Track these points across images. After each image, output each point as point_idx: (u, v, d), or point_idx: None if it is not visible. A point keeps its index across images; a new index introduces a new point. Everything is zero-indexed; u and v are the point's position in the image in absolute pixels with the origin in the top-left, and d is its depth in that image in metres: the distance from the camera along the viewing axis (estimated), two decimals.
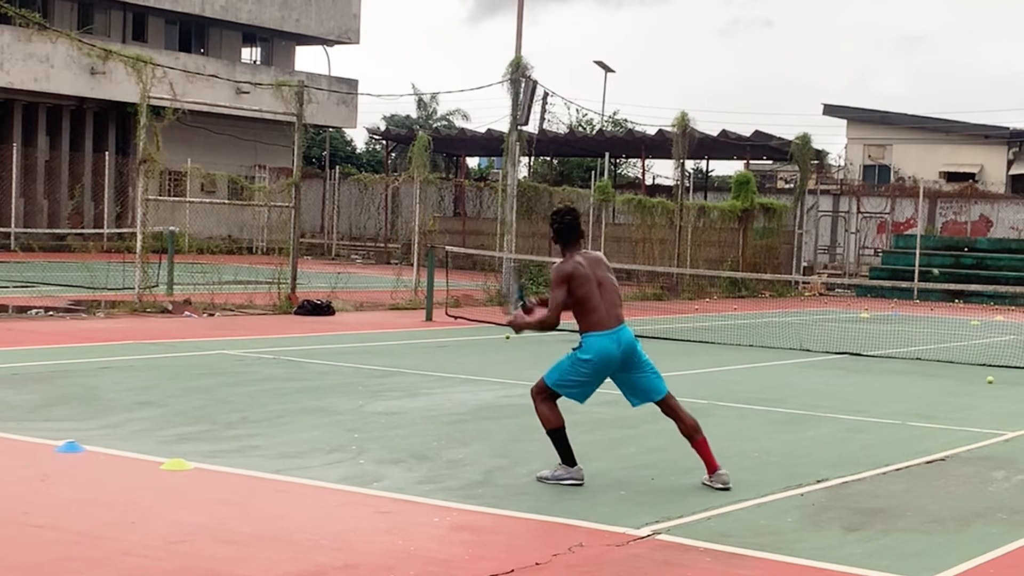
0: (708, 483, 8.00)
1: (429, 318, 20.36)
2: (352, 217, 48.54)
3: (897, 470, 8.93)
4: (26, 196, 40.49)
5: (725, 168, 58.78)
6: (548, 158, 50.73)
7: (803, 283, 35.36)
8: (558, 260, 8.15)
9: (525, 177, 41.55)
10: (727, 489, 7.90)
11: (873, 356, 17.22)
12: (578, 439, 9.65)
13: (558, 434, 8.04)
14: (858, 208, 45.22)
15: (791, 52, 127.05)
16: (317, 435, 9.44)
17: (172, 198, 35.69)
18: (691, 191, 44.05)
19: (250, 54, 53.67)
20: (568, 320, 8.05)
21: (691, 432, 8.13)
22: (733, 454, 9.26)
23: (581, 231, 8.20)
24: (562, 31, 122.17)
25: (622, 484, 8.07)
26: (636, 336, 8.26)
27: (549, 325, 8.03)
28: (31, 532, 6.38)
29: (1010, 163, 53.09)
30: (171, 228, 23.85)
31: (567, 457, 8.02)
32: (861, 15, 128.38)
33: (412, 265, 25.60)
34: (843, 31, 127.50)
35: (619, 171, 54.88)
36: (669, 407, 8.19)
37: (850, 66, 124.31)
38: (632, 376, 8.09)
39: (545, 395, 8.11)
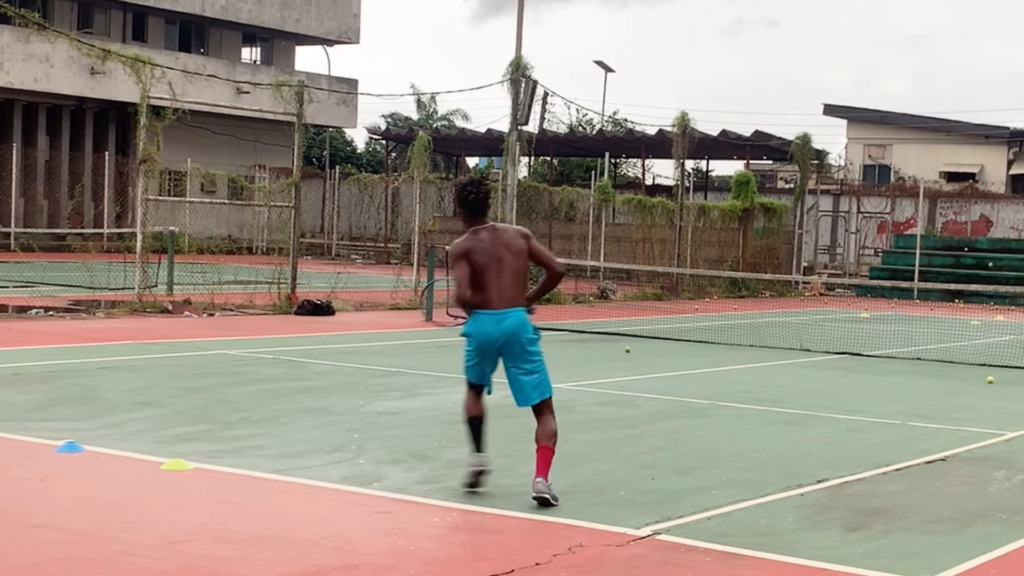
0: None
1: (429, 318, 20.36)
2: (352, 217, 48.53)
3: (897, 470, 8.93)
4: (26, 196, 40.50)
5: (725, 168, 58.82)
6: (548, 158, 50.74)
7: (803, 283, 35.36)
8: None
9: (525, 177, 41.54)
10: (540, 501, 7.30)
11: (873, 356, 17.21)
12: (578, 439, 9.68)
13: (469, 424, 7.77)
14: (858, 208, 45.23)
15: (795, 52, 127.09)
16: (317, 435, 9.44)
17: (172, 198, 35.69)
18: (691, 191, 44.06)
19: (250, 54, 53.68)
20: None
21: (542, 438, 7.61)
22: (733, 454, 9.26)
23: (486, 205, 7.87)
24: (566, 31, 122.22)
25: (622, 484, 8.07)
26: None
27: (459, 300, 7.75)
28: (31, 532, 6.38)
29: (1010, 163, 53.09)
30: (171, 228, 23.85)
31: (473, 444, 7.75)
32: (865, 15, 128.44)
33: (412, 265, 25.60)
34: (847, 31, 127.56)
35: (619, 171, 54.89)
36: (538, 411, 7.75)
37: (854, 66, 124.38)
38: (511, 368, 7.69)
39: (468, 386, 7.89)
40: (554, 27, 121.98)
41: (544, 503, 7.34)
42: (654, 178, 48.76)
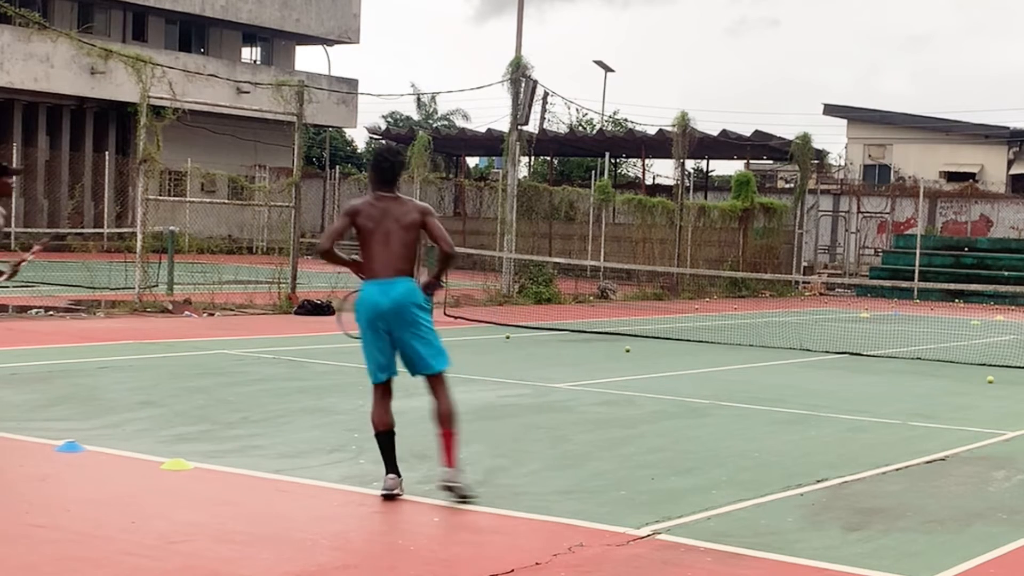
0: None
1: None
2: None
3: (897, 470, 8.93)
4: (26, 196, 40.51)
5: (725, 168, 58.84)
6: (548, 158, 50.74)
7: (803, 283, 35.36)
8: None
9: (525, 177, 41.54)
10: (452, 490, 7.31)
11: (873, 356, 17.21)
12: (578, 439, 9.69)
13: (378, 439, 7.57)
14: (858, 208, 45.23)
15: (797, 52, 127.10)
16: (317, 435, 9.44)
17: (172, 198, 35.69)
18: (691, 191, 44.06)
19: (250, 54, 53.69)
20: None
21: (442, 419, 7.50)
22: (733, 454, 9.26)
23: (397, 176, 7.72)
24: (568, 30, 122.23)
25: (622, 484, 8.07)
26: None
27: (318, 249, 7.71)
28: (31, 532, 6.38)
29: (1010, 163, 53.09)
30: (171, 228, 23.85)
31: (386, 463, 7.54)
32: (868, 15, 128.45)
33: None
34: (850, 31, 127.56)
35: (619, 171, 54.89)
36: (433, 386, 7.59)
37: (856, 66, 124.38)
38: (404, 338, 7.45)
39: (374, 390, 7.72)
40: (556, 27, 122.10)
41: (455, 491, 7.27)
42: (654, 178, 48.81)
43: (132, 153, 35.41)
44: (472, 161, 59.06)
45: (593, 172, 45.92)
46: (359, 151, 67.49)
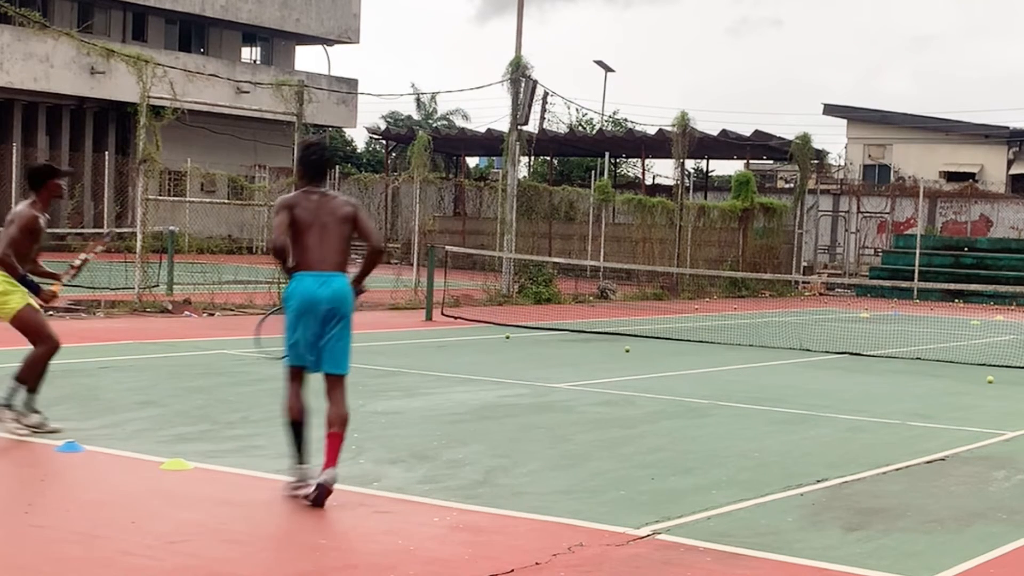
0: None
1: (429, 318, 20.37)
2: None
3: (897, 470, 8.93)
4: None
5: (725, 168, 58.83)
6: (548, 158, 50.74)
7: (803, 283, 35.36)
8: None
9: (525, 177, 41.54)
10: (324, 489, 7.20)
11: (873, 356, 17.21)
12: (578, 439, 9.69)
13: (292, 428, 7.57)
14: (858, 208, 45.23)
15: (799, 52, 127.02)
16: (317, 435, 9.42)
17: (172, 198, 35.70)
18: (691, 191, 44.05)
19: (250, 54, 53.68)
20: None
21: (335, 421, 7.48)
22: (733, 454, 9.26)
23: (325, 169, 7.66)
24: (568, 30, 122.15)
25: (622, 484, 8.07)
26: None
27: (273, 245, 7.50)
28: (31, 532, 6.38)
29: (1010, 163, 53.08)
30: (171, 228, 23.86)
31: (296, 454, 7.57)
32: (869, 15, 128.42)
33: (412, 265, 25.61)
34: (852, 31, 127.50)
35: (619, 171, 54.88)
36: (333, 387, 7.62)
37: (857, 66, 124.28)
38: (328, 332, 7.45)
39: (289, 375, 7.72)
40: (556, 27, 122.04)
41: (325, 491, 7.18)
42: (654, 178, 48.79)
43: (132, 153, 35.39)
44: (472, 161, 59.06)
45: (593, 172, 45.90)
46: (359, 151, 67.48)
